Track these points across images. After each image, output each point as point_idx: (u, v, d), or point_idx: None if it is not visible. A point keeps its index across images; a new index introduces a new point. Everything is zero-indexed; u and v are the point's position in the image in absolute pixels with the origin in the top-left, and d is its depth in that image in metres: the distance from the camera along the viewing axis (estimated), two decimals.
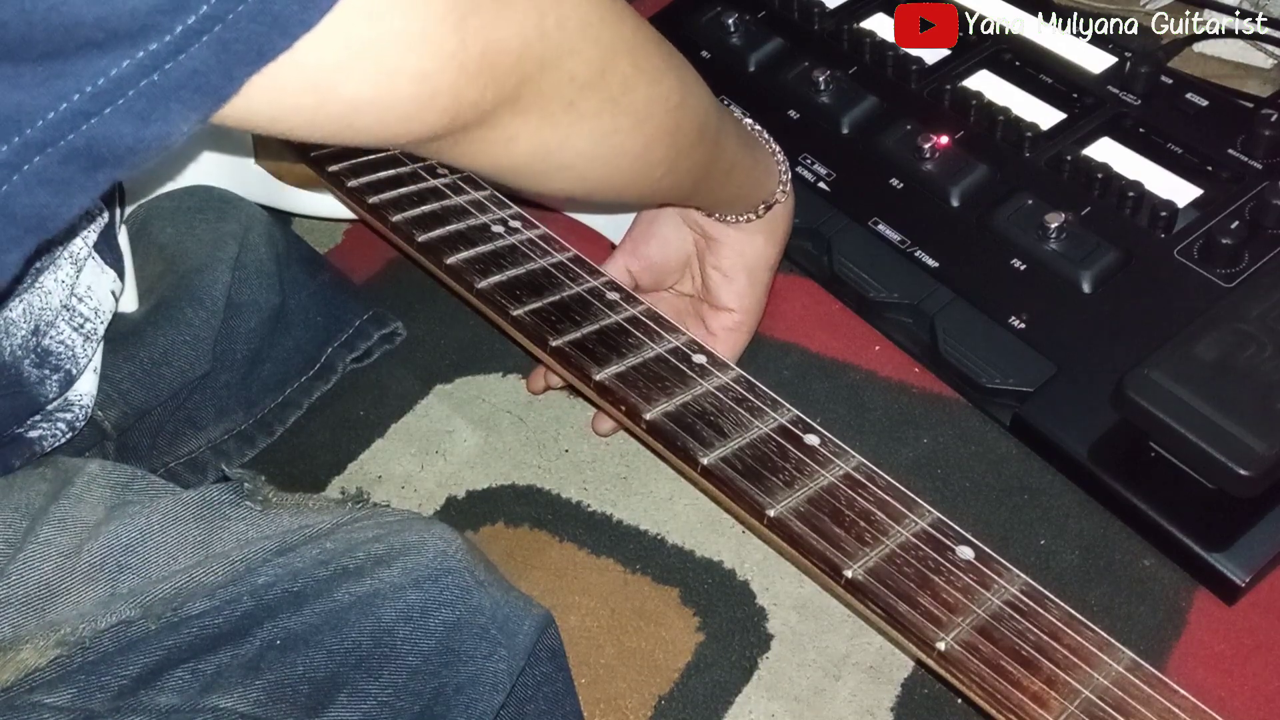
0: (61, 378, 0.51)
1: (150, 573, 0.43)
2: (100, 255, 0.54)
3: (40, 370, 0.49)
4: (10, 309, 0.47)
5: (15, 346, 0.48)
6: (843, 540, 0.43)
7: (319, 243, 0.79)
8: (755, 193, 0.61)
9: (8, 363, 0.47)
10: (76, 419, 0.53)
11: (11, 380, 0.48)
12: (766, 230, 0.63)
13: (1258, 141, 0.68)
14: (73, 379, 0.51)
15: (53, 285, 0.49)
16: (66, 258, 0.50)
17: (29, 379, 0.49)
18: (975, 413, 0.64)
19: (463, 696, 0.42)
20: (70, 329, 0.51)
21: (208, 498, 0.46)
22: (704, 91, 0.52)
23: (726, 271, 0.64)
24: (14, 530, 0.43)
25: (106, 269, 0.55)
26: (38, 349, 0.49)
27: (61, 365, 0.50)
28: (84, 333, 0.52)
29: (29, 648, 0.39)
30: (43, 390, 0.50)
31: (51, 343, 0.50)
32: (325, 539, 0.44)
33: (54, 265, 0.49)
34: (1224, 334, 0.55)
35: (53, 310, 0.49)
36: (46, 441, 0.51)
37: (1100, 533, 0.58)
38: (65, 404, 0.53)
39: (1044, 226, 0.65)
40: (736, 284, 0.64)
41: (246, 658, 0.40)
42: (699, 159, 0.53)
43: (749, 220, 0.61)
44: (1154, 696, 0.38)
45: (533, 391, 0.67)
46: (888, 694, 0.53)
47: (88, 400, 0.54)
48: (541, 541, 0.60)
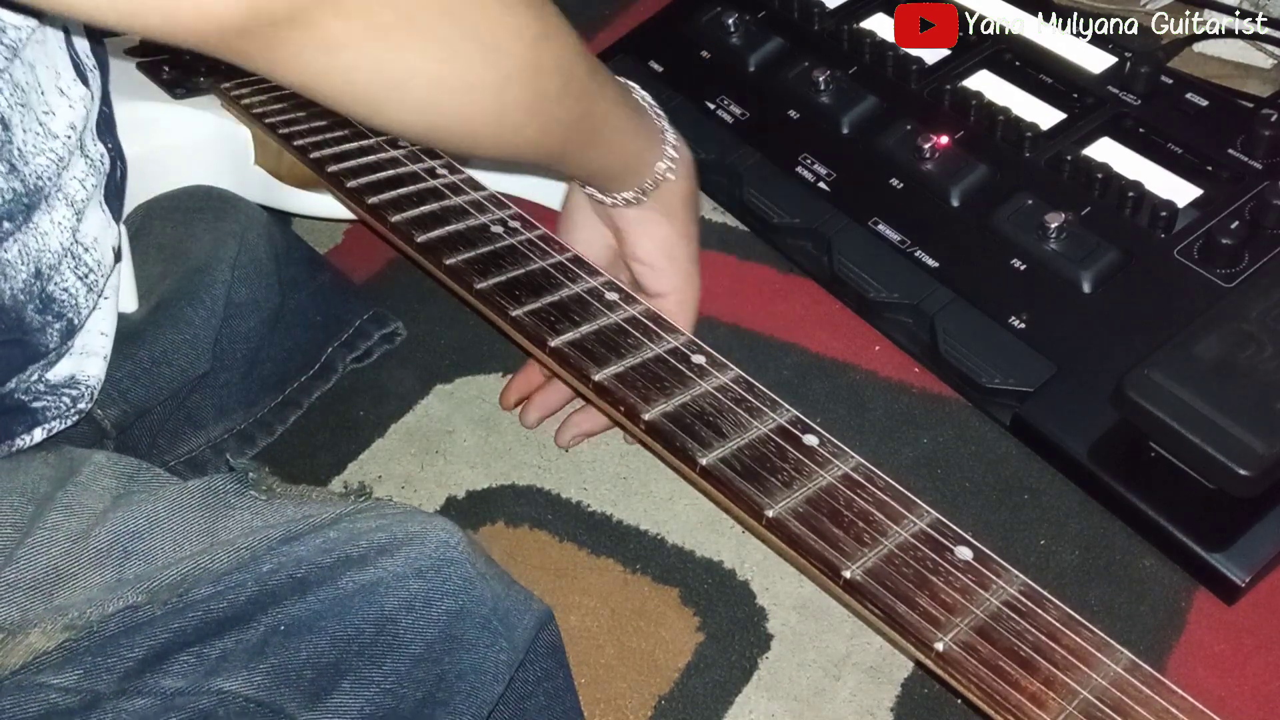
0: (63, 327, 0.50)
1: (156, 559, 0.43)
2: (108, 207, 0.54)
3: (43, 317, 0.49)
4: (4, 249, 0.46)
5: (17, 290, 0.47)
6: (841, 541, 0.43)
7: (319, 243, 0.79)
8: (638, 165, 0.59)
9: (8, 306, 0.47)
10: (81, 397, 0.53)
11: (13, 324, 0.48)
12: (663, 210, 0.61)
13: (1258, 141, 0.68)
14: (74, 329, 0.51)
15: (49, 227, 0.48)
16: (62, 199, 0.49)
17: (31, 324, 0.48)
18: (975, 413, 0.64)
19: (464, 684, 0.42)
20: (75, 277, 0.51)
21: (213, 487, 0.46)
22: (571, 36, 0.49)
23: (644, 259, 0.62)
24: (20, 515, 0.44)
25: (112, 223, 0.54)
26: (42, 294, 0.49)
27: (64, 313, 0.50)
28: (88, 283, 0.51)
29: (37, 631, 0.40)
30: (44, 339, 0.49)
31: (55, 289, 0.50)
32: (329, 528, 0.44)
33: (47, 206, 0.48)
34: (1224, 334, 0.55)
35: (54, 254, 0.49)
36: (49, 414, 0.51)
37: (1100, 533, 0.58)
38: (71, 380, 0.52)
39: (1044, 226, 0.65)
40: (658, 269, 0.63)
41: (251, 643, 0.40)
42: (566, 112, 0.51)
43: (638, 200, 0.60)
44: (1152, 697, 0.38)
45: (504, 406, 0.67)
46: (888, 694, 0.53)
47: (94, 383, 0.54)
48: (541, 541, 0.60)
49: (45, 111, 0.48)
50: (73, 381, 0.53)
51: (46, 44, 0.48)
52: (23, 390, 0.50)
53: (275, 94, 0.70)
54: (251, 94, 0.70)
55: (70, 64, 0.50)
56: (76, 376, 0.53)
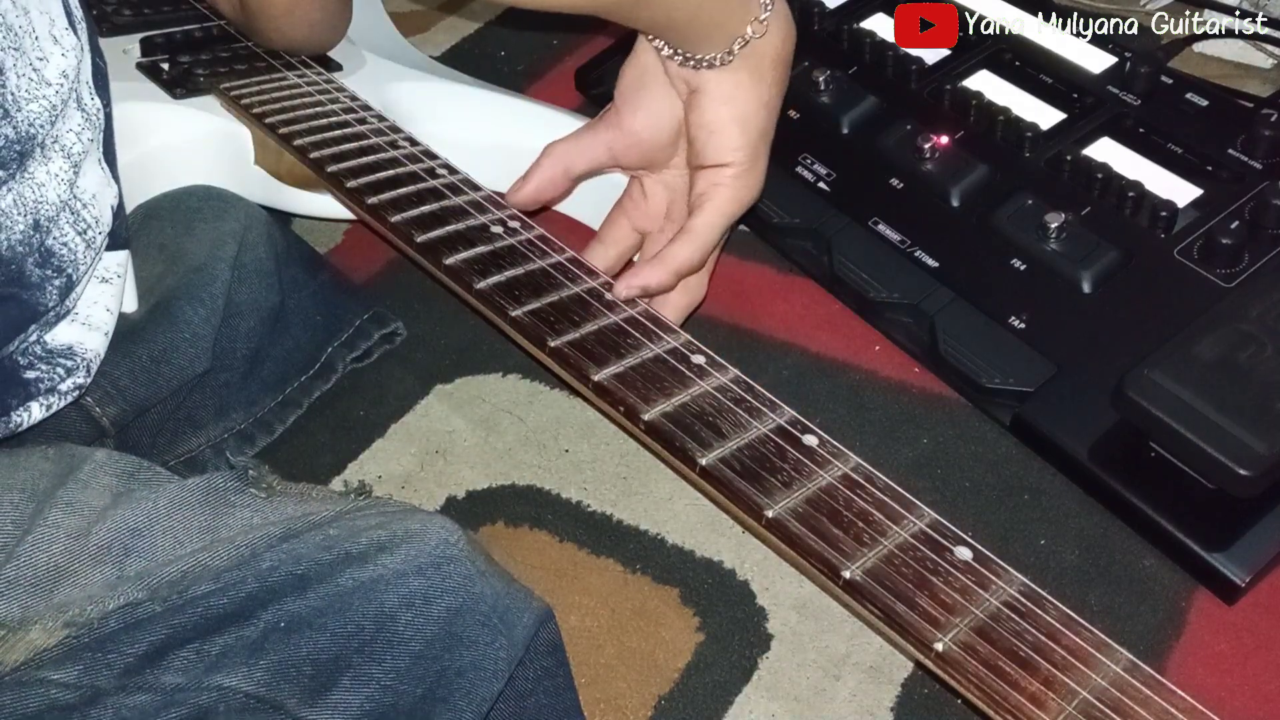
0: (62, 283, 0.50)
1: (157, 556, 0.43)
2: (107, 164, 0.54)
3: (43, 270, 0.49)
4: None
5: (15, 242, 0.47)
6: (841, 541, 0.43)
7: (319, 243, 0.79)
8: (726, 20, 0.54)
9: (6, 258, 0.47)
10: (77, 368, 0.53)
11: (12, 278, 0.48)
12: (751, 69, 0.56)
13: (1258, 141, 0.68)
14: (72, 285, 0.51)
15: (45, 178, 0.48)
16: (58, 150, 0.49)
17: (30, 279, 0.48)
18: (975, 413, 0.64)
19: (463, 681, 0.42)
20: (74, 232, 0.50)
21: (213, 485, 0.47)
22: None
23: (713, 127, 0.57)
24: (20, 512, 0.44)
25: (112, 182, 0.54)
26: (41, 248, 0.49)
27: (63, 268, 0.50)
28: (86, 239, 0.51)
29: (38, 628, 0.40)
30: (43, 297, 0.49)
31: (55, 243, 0.50)
32: (329, 525, 0.44)
33: (42, 156, 0.48)
34: (1224, 334, 0.55)
35: (52, 206, 0.49)
36: (43, 385, 0.51)
37: (1100, 533, 0.58)
38: (69, 350, 0.52)
39: (1044, 226, 0.65)
40: (727, 136, 0.57)
41: (251, 639, 0.41)
42: None
43: (725, 62, 0.55)
44: (1151, 697, 0.38)
45: None
46: (888, 694, 0.53)
47: (92, 357, 0.54)
48: (541, 541, 0.60)
49: (39, 57, 0.48)
50: (70, 352, 0.52)
51: None
52: (20, 352, 0.50)
53: (275, 94, 0.70)
54: (251, 94, 0.70)
55: (63, 10, 0.50)
56: (74, 348, 0.53)
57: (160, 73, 0.71)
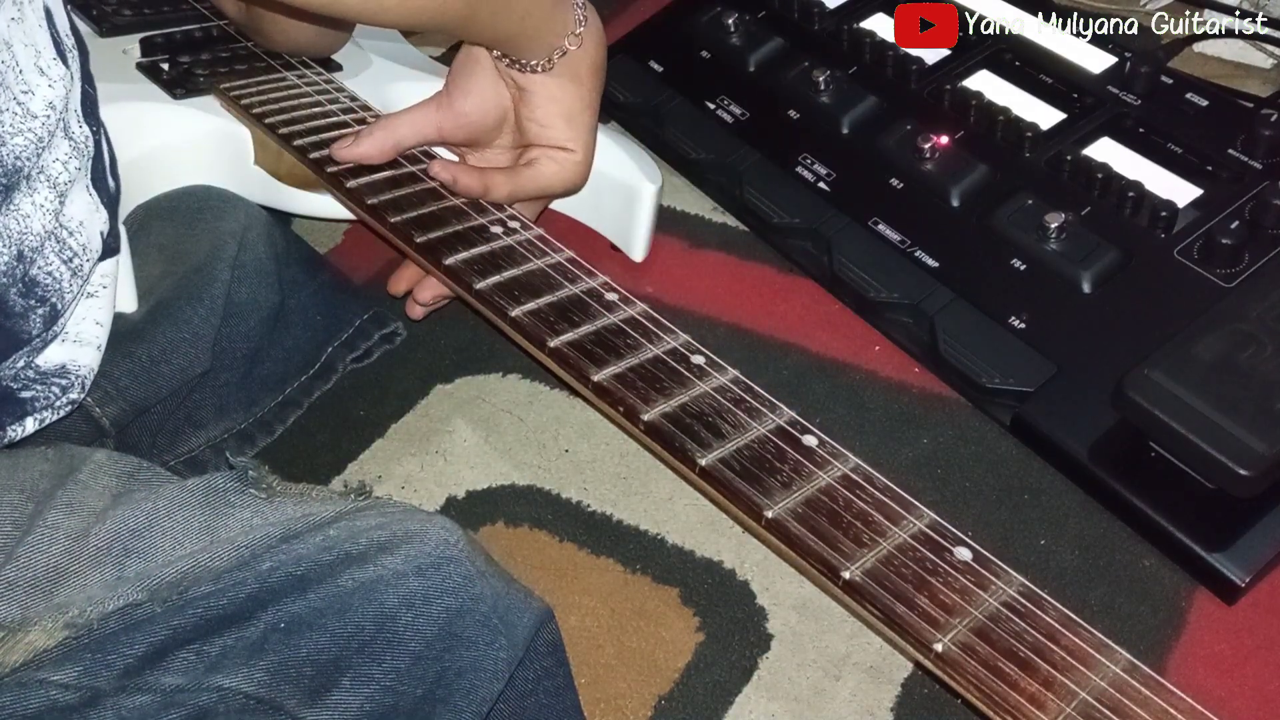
0: (46, 312, 0.50)
1: (156, 557, 0.43)
2: (96, 191, 0.54)
3: (26, 300, 0.49)
4: None
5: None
6: (840, 541, 0.43)
7: (319, 243, 0.79)
8: (549, 32, 0.61)
9: None
10: (71, 386, 0.53)
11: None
12: (570, 75, 0.64)
13: (1258, 141, 0.68)
14: (58, 314, 0.51)
15: (30, 209, 0.48)
16: (44, 181, 0.49)
17: (14, 309, 0.48)
18: (975, 413, 0.64)
19: (463, 682, 0.42)
20: (59, 261, 0.50)
21: (213, 485, 0.46)
22: None
23: (543, 121, 0.65)
24: (20, 513, 0.44)
25: (101, 208, 0.54)
26: (25, 278, 0.49)
27: (48, 298, 0.50)
28: (72, 267, 0.51)
29: (38, 629, 0.40)
30: (26, 325, 0.49)
31: (39, 273, 0.49)
32: (329, 526, 0.44)
33: (28, 187, 0.48)
34: (1224, 334, 0.55)
35: (36, 236, 0.49)
36: (39, 404, 0.51)
37: (1100, 533, 0.58)
38: (62, 370, 0.52)
39: (1044, 226, 0.65)
40: (557, 130, 0.65)
41: (251, 640, 0.41)
42: None
43: (547, 69, 0.62)
44: (1151, 698, 0.38)
45: (393, 293, 0.69)
46: (888, 694, 0.53)
47: (86, 373, 0.54)
48: (541, 541, 0.60)
49: (24, 90, 0.48)
50: (63, 371, 0.52)
51: (25, 21, 0.48)
52: (11, 378, 0.50)
53: (275, 94, 0.70)
54: (251, 94, 0.70)
55: (51, 42, 0.50)
56: (68, 366, 0.53)
57: (160, 73, 0.71)
